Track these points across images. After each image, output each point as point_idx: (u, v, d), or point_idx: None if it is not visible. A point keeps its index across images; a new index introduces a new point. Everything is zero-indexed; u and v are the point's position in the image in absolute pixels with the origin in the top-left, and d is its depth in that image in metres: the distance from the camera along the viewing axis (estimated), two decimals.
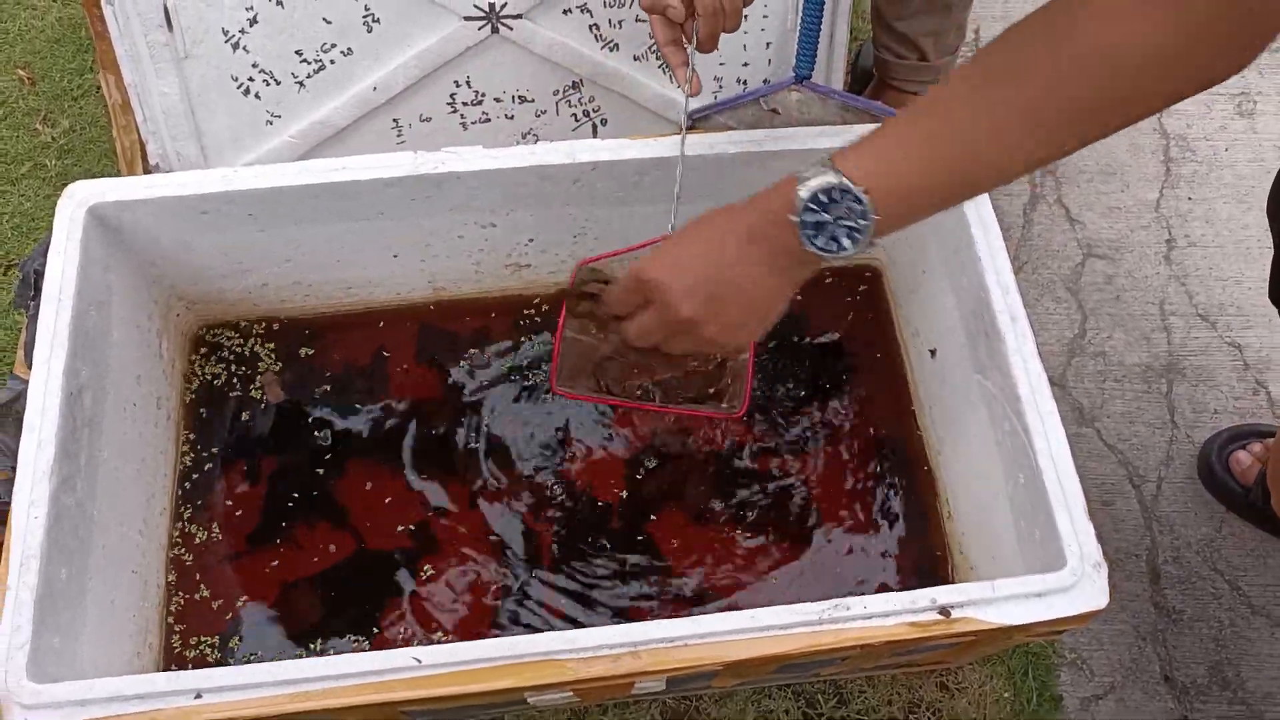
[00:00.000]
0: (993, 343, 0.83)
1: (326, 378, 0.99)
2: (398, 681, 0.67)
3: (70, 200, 0.84)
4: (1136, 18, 0.47)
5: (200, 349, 1.00)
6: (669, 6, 0.76)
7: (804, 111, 0.99)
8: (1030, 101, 0.51)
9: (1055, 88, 0.50)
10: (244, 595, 0.89)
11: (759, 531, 0.93)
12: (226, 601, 0.88)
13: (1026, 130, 0.52)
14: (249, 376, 0.98)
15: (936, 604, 0.71)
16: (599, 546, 0.92)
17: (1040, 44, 0.51)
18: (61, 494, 0.75)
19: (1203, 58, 0.48)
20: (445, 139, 1.04)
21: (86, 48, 1.33)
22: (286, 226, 0.91)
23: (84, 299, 0.81)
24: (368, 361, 1.00)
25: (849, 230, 0.57)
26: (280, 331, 1.01)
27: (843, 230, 0.57)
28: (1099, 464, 1.12)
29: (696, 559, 0.92)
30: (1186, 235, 1.27)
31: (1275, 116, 1.34)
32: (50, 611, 0.71)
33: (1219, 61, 0.49)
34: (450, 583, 0.90)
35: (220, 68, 0.97)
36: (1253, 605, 1.04)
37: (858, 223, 0.57)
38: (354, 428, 0.97)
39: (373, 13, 0.96)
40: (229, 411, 0.97)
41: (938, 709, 0.97)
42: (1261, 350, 1.18)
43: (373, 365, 1.00)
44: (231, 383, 0.98)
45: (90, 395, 0.81)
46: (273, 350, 1.00)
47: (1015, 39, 0.52)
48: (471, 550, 0.91)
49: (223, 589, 0.89)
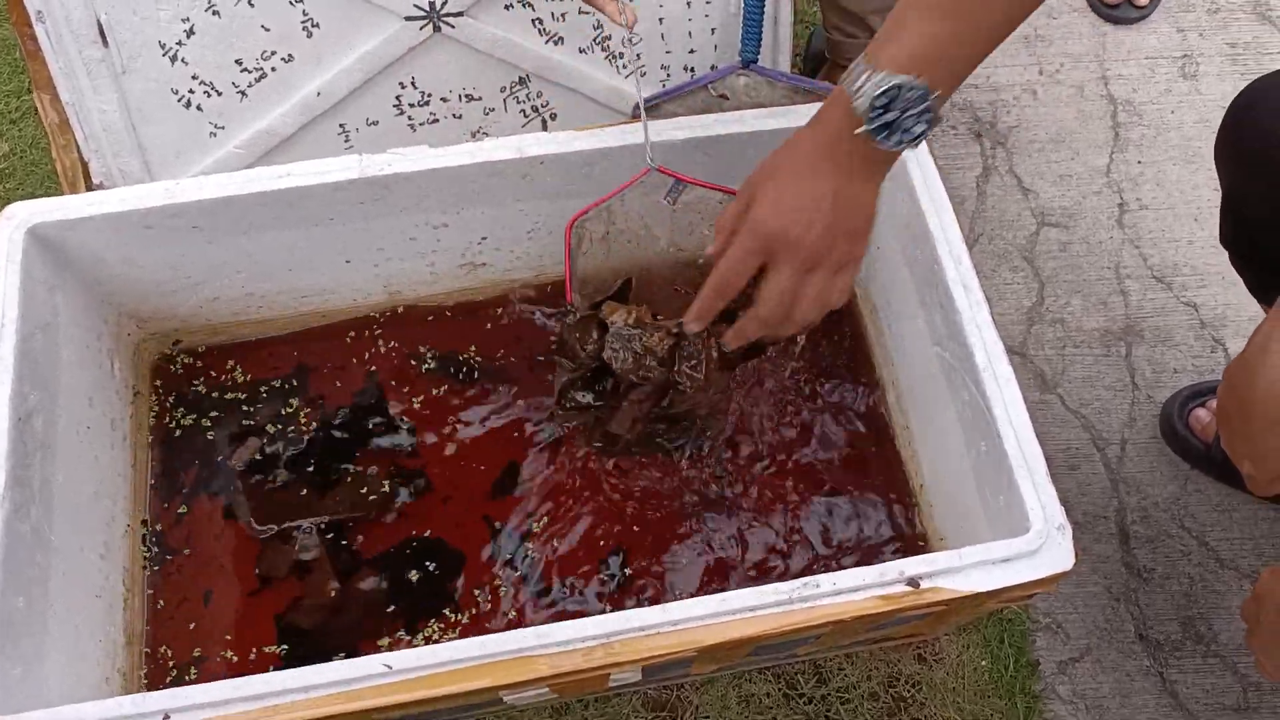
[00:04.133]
0: (948, 314, 0.83)
1: (280, 388, 0.98)
2: (369, 689, 0.67)
3: (9, 222, 0.82)
4: None
5: (153, 366, 0.98)
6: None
7: (752, 95, 0.99)
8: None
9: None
10: (212, 613, 0.88)
11: (728, 517, 0.93)
12: (195, 621, 0.87)
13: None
14: (205, 392, 0.97)
15: (905, 576, 0.71)
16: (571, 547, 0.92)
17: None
18: (15, 521, 0.73)
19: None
20: (393, 141, 1.03)
21: (21, 69, 1.30)
22: (234, 237, 0.90)
23: (29, 322, 0.80)
24: (324, 369, 0.99)
25: (916, 118, 0.59)
26: (235, 344, 1.00)
27: (910, 120, 0.59)
28: (1063, 429, 1.13)
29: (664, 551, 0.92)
30: (1138, 199, 1.28)
31: (1218, 77, 1.36)
32: (10, 641, 0.70)
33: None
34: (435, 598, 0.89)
35: (159, 81, 0.96)
36: (1220, 559, 1.06)
37: (922, 106, 0.59)
38: (315, 439, 0.96)
39: (311, 18, 0.95)
40: (187, 429, 0.95)
41: (917, 681, 0.98)
42: (1216, 308, 1.20)
43: (330, 373, 0.99)
44: (188, 399, 0.97)
45: (41, 419, 0.79)
46: (230, 364, 0.99)
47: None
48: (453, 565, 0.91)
49: (190, 608, 0.88)
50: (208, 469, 0.94)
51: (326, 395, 0.98)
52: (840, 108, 0.61)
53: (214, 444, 0.95)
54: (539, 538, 0.91)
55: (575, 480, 0.94)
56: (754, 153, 0.92)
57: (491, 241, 0.97)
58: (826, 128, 0.63)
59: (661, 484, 0.94)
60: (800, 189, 0.65)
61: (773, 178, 0.66)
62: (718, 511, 0.93)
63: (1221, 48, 1.39)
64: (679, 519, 0.93)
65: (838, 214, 0.65)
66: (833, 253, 0.66)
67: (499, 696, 0.72)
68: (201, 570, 0.90)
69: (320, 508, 0.92)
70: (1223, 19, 1.41)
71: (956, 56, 0.59)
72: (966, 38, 0.59)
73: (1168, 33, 1.40)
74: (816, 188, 0.64)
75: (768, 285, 0.68)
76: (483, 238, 0.97)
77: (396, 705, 0.67)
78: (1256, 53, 1.38)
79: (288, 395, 0.97)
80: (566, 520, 0.92)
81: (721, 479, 0.94)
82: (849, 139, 0.61)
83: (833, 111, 0.62)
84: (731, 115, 0.91)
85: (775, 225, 0.65)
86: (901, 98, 0.59)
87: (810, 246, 0.65)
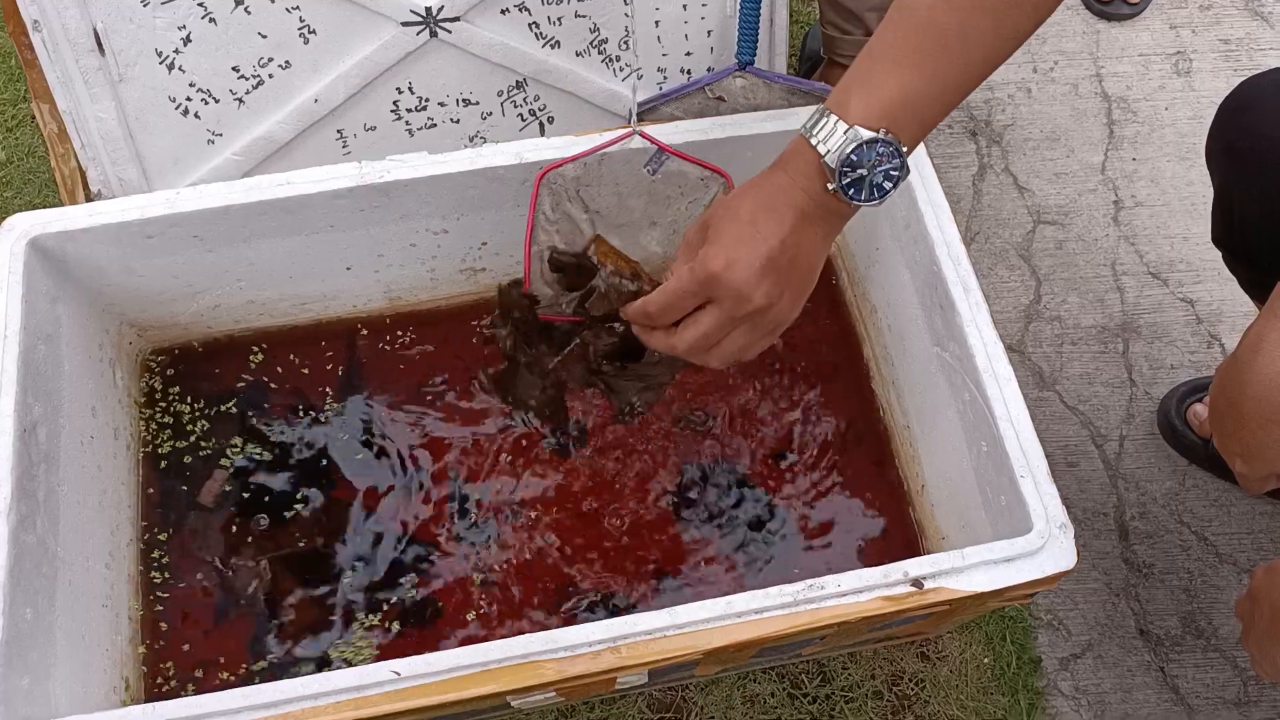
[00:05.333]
0: (947, 314, 0.83)
1: (288, 393, 0.98)
2: (378, 696, 0.67)
3: (10, 233, 0.82)
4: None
5: (155, 376, 0.98)
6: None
7: (749, 97, 0.99)
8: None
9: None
10: (219, 621, 0.88)
11: (731, 521, 0.93)
12: (202, 629, 0.87)
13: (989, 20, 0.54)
14: (208, 401, 0.97)
15: (909, 576, 0.71)
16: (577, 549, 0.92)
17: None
18: (21, 532, 0.73)
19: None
20: (391, 147, 1.03)
21: (18, 77, 1.30)
22: (235, 246, 0.90)
23: (31, 333, 0.80)
24: (332, 377, 0.99)
25: (886, 173, 0.57)
26: (237, 351, 1.00)
27: (880, 175, 0.57)
28: (1061, 426, 1.13)
29: (664, 555, 0.92)
30: (1133, 196, 1.28)
31: (1211, 74, 1.37)
32: (18, 652, 0.70)
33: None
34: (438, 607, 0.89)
35: (157, 89, 0.96)
36: (1219, 554, 1.07)
37: (893, 162, 0.57)
38: (319, 445, 0.96)
39: (308, 24, 0.95)
40: (190, 437, 0.95)
41: (920, 679, 0.98)
42: (1213, 304, 1.21)
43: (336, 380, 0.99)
44: (190, 408, 0.97)
45: (45, 430, 0.79)
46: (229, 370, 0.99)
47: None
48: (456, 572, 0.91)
49: (197, 617, 0.88)
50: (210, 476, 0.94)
51: (324, 399, 0.98)
52: (807, 159, 0.59)
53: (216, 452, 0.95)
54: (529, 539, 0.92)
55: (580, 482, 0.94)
56: (752, 155, 0.92)
57: (492, 247, 0.98)
58: (794, 178, 0.60)
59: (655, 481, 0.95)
60: (757, 240, 0.61)
61: (734, 220, 0.62)
62: (716, 513, 0.94)
63: (1214, 44, 1.39)
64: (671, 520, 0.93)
65: (789, 272, 0.62)
66: (770, 311, 0.63)
67: (506, 701, 0.72)
68: (206, 578, 0.90)
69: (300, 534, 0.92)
70: (1215, 15, 1.42)
71: (926, 109, 0.57)
72: (936, 90, 0.57)
73: (1161, 29, 1.41)
74: (773, 242, 0.61)
75: (696, 324, 0.64)
76: (483, 243, 0.97)
77: (405, 712, 0.67)
78: (1249, 49, 1.39)
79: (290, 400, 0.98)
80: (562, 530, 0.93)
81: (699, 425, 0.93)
82: (817, 193, 0.59)
83: (799, 161, 0.60)
84: (731, 119, 0.91)
85: (724, 275, 0.61)
86: (871, 153, 0.57)
87: (754, 303, 0.62)
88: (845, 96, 0.57)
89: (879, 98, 0.56)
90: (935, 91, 0.56)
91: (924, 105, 0.57)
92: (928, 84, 0.56)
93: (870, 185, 0.58)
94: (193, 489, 0.93)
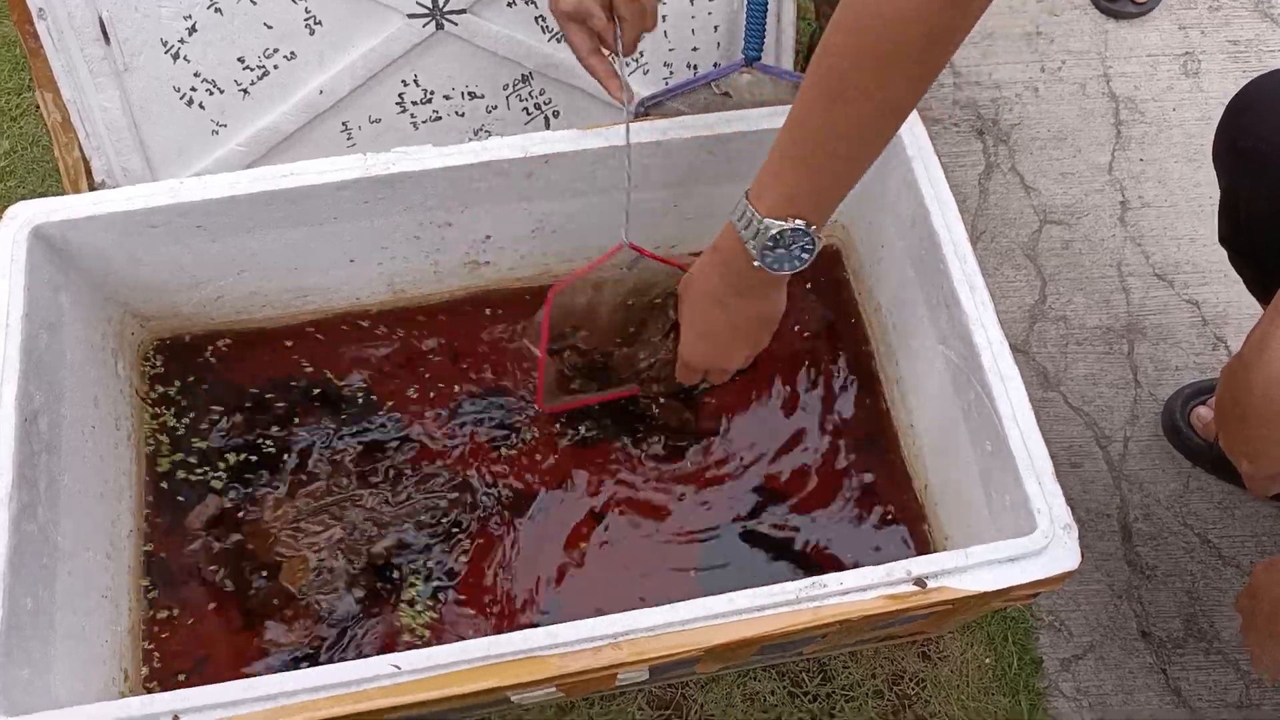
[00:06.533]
0: (953, 312, 0.83)
1: (289, 386, 0.98)
2: (377, 690, 0.67)
3: (13, 222, 0.82)
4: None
5: (157, 365, 0.98)
6: (591, 15, 0.76)
7: (755, 93, 0.99)
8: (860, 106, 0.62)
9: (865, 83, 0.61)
10: (219, 612, 0.88)
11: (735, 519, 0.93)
12: (202, 620, 0.87)
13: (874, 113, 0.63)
14: (209, 392, 0.97)
15: (912, 575, 0.71)
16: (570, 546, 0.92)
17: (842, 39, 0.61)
18: (22, 521, 0.73)
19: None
20: (396, 139, 1.03)
21: (22, 66, 1.30)
22: (238, 236, 0.90)
23: (33, 322, 0.80)
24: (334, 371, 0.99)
25: (800, 248, 0.70)
26: (239, 343, 0.99)
27: (797, 250, 0.70)
28: (1066, 427, 1.13)
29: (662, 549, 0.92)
30: (1140, 196, 1.28)
31: (1220, 75, 1.36)
32: (17, 642, 0.70)
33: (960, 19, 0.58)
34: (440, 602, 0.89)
35: (161, 79, 0.95)
36: (1223, 556, 1.06)
37: (805, 241, 0.69)
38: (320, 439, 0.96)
39: (314, 15, 0.95)
40: (190, 427, 0.95)
41: (921, 679, 0.98)
42: (1218, 306, 1.20)
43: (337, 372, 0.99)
44: (191, 398, 0.96)
45: (46, 419, 0.79)
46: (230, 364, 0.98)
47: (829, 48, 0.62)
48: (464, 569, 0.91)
49: (197, 607, 0.88)
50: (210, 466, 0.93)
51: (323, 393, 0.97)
52: (736, 243, 0.71)
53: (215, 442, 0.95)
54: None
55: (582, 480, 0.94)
56: (758, 151, 0.91)
57: (496, 240, 0.97)
58: (729, 261, 0.73)
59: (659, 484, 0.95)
60: (714, 327, 0.78)
61: (690, 309, 0.80)
62: (717, 511, 0.93)
63: (1223, 45, 1.39)
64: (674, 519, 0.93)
65: (750, 329, 0.79)
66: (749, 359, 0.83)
67: (506, 696, 0.72)
68: (207, 567, 0.89)
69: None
70: (1224, 16, 1.41)
71: (821, 198, 0.68)
72: (825, 184, 0.68)
73: (1169, 30, 1.40)
74: (728, 321, 0.78)
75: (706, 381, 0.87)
76: (487, 236, 0.97)
77: (405, 706, 0.67)
78: (1258, 50, 1.38)
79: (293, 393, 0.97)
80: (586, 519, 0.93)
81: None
82: (748, 270, 0.71)
83: (730, 245, 0.72)
84: (735, 113, 0.91)
85: (701, 364, 0.83)
86: (785, 237, 0.68)
87: (736, 365, 0.83)
88: (760, 190, 0.69)
89: (786, 193, 0.67)
90: (833, 183, 0.68)
91: (825, 194, 0.68)
92: (828, 179, 0.68)
93: (789, 259, 0.70)
94: (193, 488, 0.93)
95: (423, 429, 0.96)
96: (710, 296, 0.77)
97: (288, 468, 0.93)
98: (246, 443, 0.94)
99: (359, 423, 0.96)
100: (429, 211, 0.92)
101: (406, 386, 0.98)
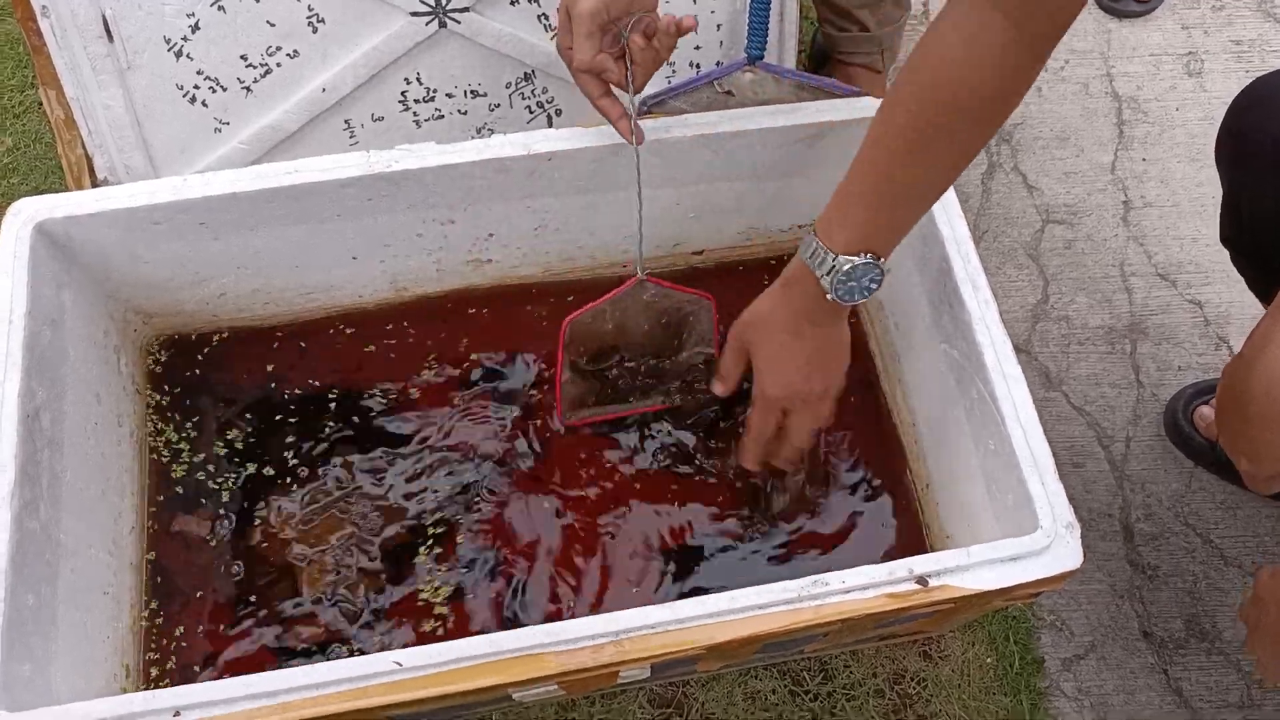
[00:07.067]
0: (956, 312, 0.83)
1: (292, 382, 0.98)
2: (378, 686, 0.67)
3: (16, 218, 0.82)
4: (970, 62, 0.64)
5: (160, 362, 0.98)
6: (606, 70, 0.78)
7: (758, 92, 0.99)
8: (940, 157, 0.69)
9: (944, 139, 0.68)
10: (221, 609, 0.88)
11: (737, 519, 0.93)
12: (204, 617, 0.87)
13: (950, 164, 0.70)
14: (211, 388, 0.97)
15: (914, 574, 0.71)
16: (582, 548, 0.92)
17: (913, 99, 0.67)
18: (25, 518, 0.73)
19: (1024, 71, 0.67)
20: (399, 137, 1.03)
21: (25, 63, 1.30)
22: (241, 233, 0.90)
23: (36, 318, 0.80)
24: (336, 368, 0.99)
25: (871, 279, 0.73)
26: (241, 340, 0.99)
27: (867, 281, 0.73)
28: (1068, 426, 1.13)
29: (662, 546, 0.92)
30: (1143, 196, 1.28)
31: (1223, 74, 1.36)
32: (19, 639, 0.70)
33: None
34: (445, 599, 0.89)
35: (164, 76, 0.96)
36: (1225, 557, 1.06)
37: (876, 273, 0.73)
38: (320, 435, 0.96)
39: (317, 13, 0.95)
40: (192, 424, 0.95)
41: (922, 678, 0.98)
42: (1221, 306, 1.20)
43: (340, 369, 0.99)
44: (193, 395, 0.96)
45: (49, 416, 0.79)
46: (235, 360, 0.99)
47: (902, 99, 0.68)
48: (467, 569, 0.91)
49: (199, 605, 0.88)
50: (213, 465, 0.94)
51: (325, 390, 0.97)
52: (808, 280, 0.75)
53: (218, 441, 0.95)
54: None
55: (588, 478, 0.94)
56: (760, 149, 0.92)
57: (498, 238, 0.97)
58: (803, 296, 0.77)
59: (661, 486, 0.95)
60: (793, 355, 0.80)
61: (765, 343, 0.81)
62: (719, 510, 0.93)
63: (1226, 45, 1.39)
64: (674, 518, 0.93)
65: (824, 364, 0.81)
66: (830, 393, 0.83)
67: (507, 694, 0.72)
68: (208, 565, 0.89)
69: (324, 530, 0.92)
70: (1227, 16, 1.41)
71: (892, 232, 0.73)
72: (898, 222, 0.73)
73: (1172, 29, 1.40)
74: (805, 349, 0.79)
75: (792, 430, 0.84)
76: (490, 234, 0.97)
77: (406, 703, 0.67)
78: (1261, 50, 1.38)
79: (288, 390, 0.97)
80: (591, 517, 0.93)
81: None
82: (819, 301, 0.75)
83: (803, 282, 0.76)
84: (740, 112, 0.91)
85: (783, 394, 0.81)
86: (858, 271, 0.72)
87: (816, 395, 0.82)
88: (830, 228, 0.73)
89: (859, 232, 0.72)
90: (901, 221, 0.73)
91: (892, 230, 0.73)
92: (901, 218, 0.73)
93: (860, 290, 0.74)
94: (195, 484, 0.93)
95: (425, 426, 0.96)
96: (786, 330, 0.79)
97: (290, 463, 0.94)
98: (248, 439, 0.95)
99: (362, 419, 0.96)
100: (431, 209, 0.92)
101: (409, 384, 0.98)
